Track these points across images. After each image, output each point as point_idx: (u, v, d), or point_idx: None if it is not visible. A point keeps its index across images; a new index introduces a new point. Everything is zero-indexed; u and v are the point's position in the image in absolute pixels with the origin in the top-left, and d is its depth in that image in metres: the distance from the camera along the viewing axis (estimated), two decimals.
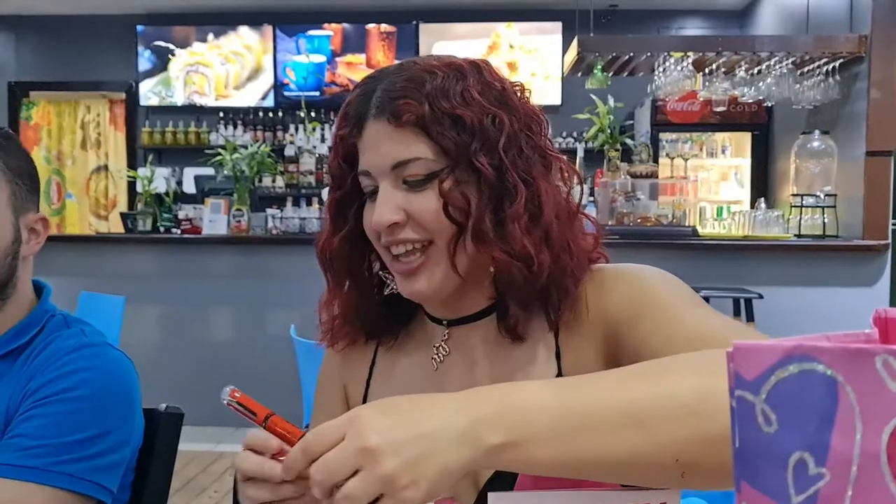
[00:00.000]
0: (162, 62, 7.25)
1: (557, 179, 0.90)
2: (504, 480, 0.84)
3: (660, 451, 0.62)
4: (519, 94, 0.89)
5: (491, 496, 0.63)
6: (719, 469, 0.60)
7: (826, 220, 4.47)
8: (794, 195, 4.76)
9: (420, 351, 0.97)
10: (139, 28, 7.22)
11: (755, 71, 4.81)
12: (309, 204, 5.00)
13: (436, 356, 0.95)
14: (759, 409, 0.39)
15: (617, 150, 4.83)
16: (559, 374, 0.88)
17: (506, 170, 0.84)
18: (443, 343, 0.95)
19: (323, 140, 6.42)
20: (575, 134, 6.60)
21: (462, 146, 0.84)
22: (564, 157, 0.92)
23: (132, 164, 7.38)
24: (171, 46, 7.24)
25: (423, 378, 0.95)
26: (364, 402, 0.99)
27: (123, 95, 7.57)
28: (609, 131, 4.83)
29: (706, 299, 3.83)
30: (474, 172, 0.84)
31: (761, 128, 6.49)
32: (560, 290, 0.87)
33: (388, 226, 0.85)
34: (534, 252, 0.84)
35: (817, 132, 4.67)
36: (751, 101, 5.09)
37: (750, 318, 3.89)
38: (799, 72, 4.73)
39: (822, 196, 4.54)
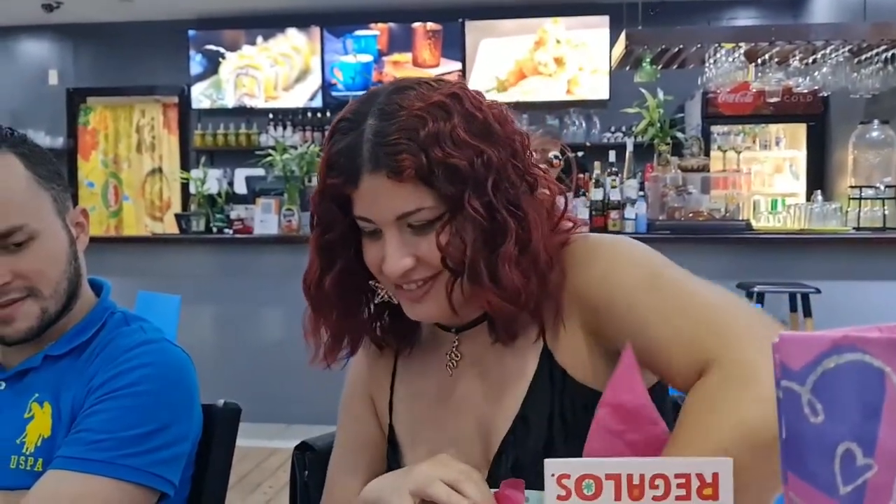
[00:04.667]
0: (213, 66, 7.38)
1: (542, 187, 0.92)
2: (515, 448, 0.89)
3: None
4: (499, 117, 0.90)
5: (547, 462, 0.65)
6: None
7: (886, 213, 4.35)
8: (852, 187, 4.65)
9: (434, 357, 1.02)
10: (190, 33, 7.36)
11: (810, 60, 4.70)
12: None
13: (450, 363, 0.99)
14: (805, 399, 0.39)
15: (667, 143, 4.77)
16: (545, 349, 0.93)
17: (496, 209, 0.87)
18: (454, 349, 0.99)
19: None
20: (624, 128, 6.53)
21: (458, 193, 0.86)
22: (545, 170, 0.94)
23: (185, 166, 7.53)
24: (222, 50, 7.36)
25: (440, 384, 1.00)
26: (390, 407, 1.04)
27: (176, 99, 7.72)
28: (659, 125, 4.77)
29: (761, 295, 3.76)
30: (468, 217, 0.86)
31: (817, 118, 6.35)
32: (546, 301, 0.91)
33: (401, 273, 0.88)
34: (522, 286, 0.87)
35: (876, 122, 4.55)
36: (806, 91, 4.98)
37: (807, 313, 3.81)
38: (856, 60, 4.61)
39: (881, 187, 4.43)
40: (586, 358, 0.91)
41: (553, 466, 0.63)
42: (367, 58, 7.17)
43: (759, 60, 4.75)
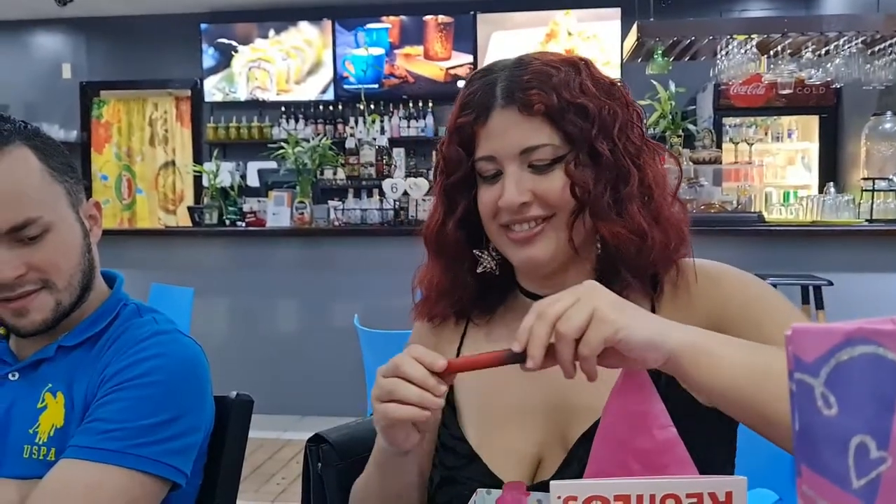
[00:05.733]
0: (225, 59, 7.39)
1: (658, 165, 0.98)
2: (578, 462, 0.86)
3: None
4: (620, 88, 0.98)
5: (553, 484, 0.64)
6: None
7: None
8: (864, 179, 4.61)
9: (516, 324, 0.99)
10: (203, 26, 7.37)
11: (823, 52, 4.66)
12: (370, 195, 5.04)
13: None
14: (818, 392, 0.39)
15: (679, 136, 4.75)
16: None
17: (620, 154, 0.93)
18: None
19: (383, 132, 6.47)
20: None
21: (585, 132, 0.92)
22: (663, 146, 1.01)
23: (198, 159, 7.55)
24: (234, 43, 7.38)
25: None
26: None
27: (189, 92, 7.74)
28: (670, 117, 4.75)
29: (773, 287, 3.74)
30: (593, 157, 0.92)
31: (829, 110, 6.30)
32: (663, 265, 0.95)
33: (517, 206, 0.92)
34: (647, 228, 0.92)
35: (889, 113, 4.52)
36: (818, 82, 4.94)
37: (819, 305, 3.79)
38: (869, 51, 4.57)
39: (894, 179, 4.39)
40: None
41: (559, 488, 0.62)
42: (379, 51, 7.17)
43: (772, 52, 4.72)
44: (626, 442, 0.70)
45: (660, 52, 4.73)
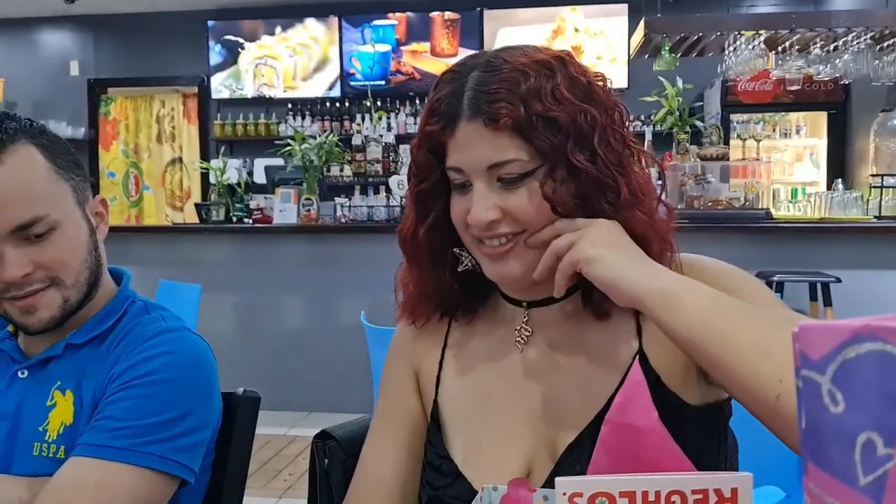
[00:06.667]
0: (232, 56, 7.41)
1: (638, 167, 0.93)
2: (576, 460, 0.86)
3: (768, 378, 0.72)
4: (602, 86, 0.91)
5: (558, 481, 0.63)
6: None
7: None
8: (873, 175, 4.60)
9: (499, 330, 0.99)
10: (209, 23, 7.38)
11: (831, 48, 4.65)
12: (376, 192, 5.05)
13: (519, 338, 0.97)
14: (825, 389, 0.39)
15: (686, 132, 4.74)
16: (640, 351, 0.90)
17: (601, 164, 0.87)
18: (524, 324, 0.97)
19: (389, 129, 6.47)
20: (643, 117, 6.49)
21: (558, 147, 0.86)
22: (643, 146, 0.95)
23: (205, 156, 7.57)
24: (241, 40, 7.39)
25: (507, 357, 0.97)
26: (438, 377, 1.02)
27: (196, 89, 7.76)
28: (678, 113, 4.74)
29: (781, 284, 3.73)
30: (572, 170, 0.87)
31: (838, 106, 6.28)
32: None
33: (485, 224, 0.88)
34: (641, 238, 0.89)
35: None
36: (826, 79, 4.92)
37: (827, 302, 3.78)
38: (878, 47, 4.55)
39: None
40: (681, 366, 0.88)
41: (565, 485, 0.62)
42: (386, 47, 7.17)
43: (780, 48, 4.70)
44: (630, 451, 0.69)
45: (667, 48, 4.72)
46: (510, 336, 0.97)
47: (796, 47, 4.64)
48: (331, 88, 7.27)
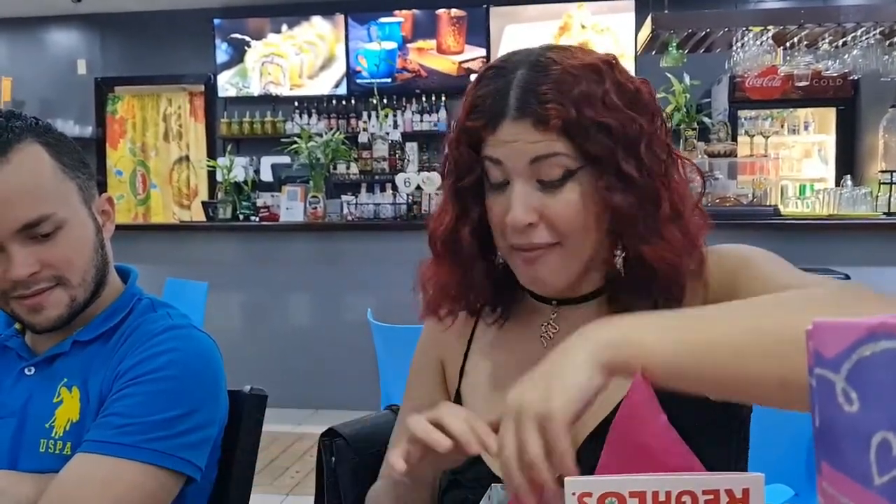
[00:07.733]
0: (238, 54, 7.41)
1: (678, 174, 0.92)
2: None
3: (767, 371, 0.65)
4: (645, 92, 0.90)
5: (567, 481, 0.63)
6: None
7: None
8: (882, 172, 4.57)
9: (525, 328, 0.99)
10: (216, 21, 7.39)
11: (840, 43, 4.62)
12: (383, 190, 5.04)
13: (545, 334, 0.97)
14: (839, 387, 0.38)
15: (694, 128, 4.73)
16: None
17: (647, 174, 0.86)
18: (551, 322, 0.97)
19: (395, 126, 6.46)
20: None
21: (610, 152, 0.84)
22: (684, 153, 0.95)
23: (212, 154, 7.58)
24: (247, 38, 7.39)
25: (532, 354, 0.95)
26: (461, 373, 1.02)
27: (202, 88, 7.77)
28: (685, 110, 4.72)
29: None
30: (621, 177, 0.85)
31: (847, 102, 6.25)
32: (677, 286, 0.89)
33: (523, 226, 0.86)
34: (685, 249, 0.87)
35: None
36: (835, 74, 4.90)
37: None
38: (887, 42, 4.52)
39: None
40: None
41: (574, 485, 0.61)
42: (392, 45, 7.16)
43: (788, 44, 4.68)
44: (638, 454, 0.69)
45: (674, 44, 4.70)
46: (536, 332, 0.98)
47: (805, 43, 4.61)
48: (337, 86, 7.27)
